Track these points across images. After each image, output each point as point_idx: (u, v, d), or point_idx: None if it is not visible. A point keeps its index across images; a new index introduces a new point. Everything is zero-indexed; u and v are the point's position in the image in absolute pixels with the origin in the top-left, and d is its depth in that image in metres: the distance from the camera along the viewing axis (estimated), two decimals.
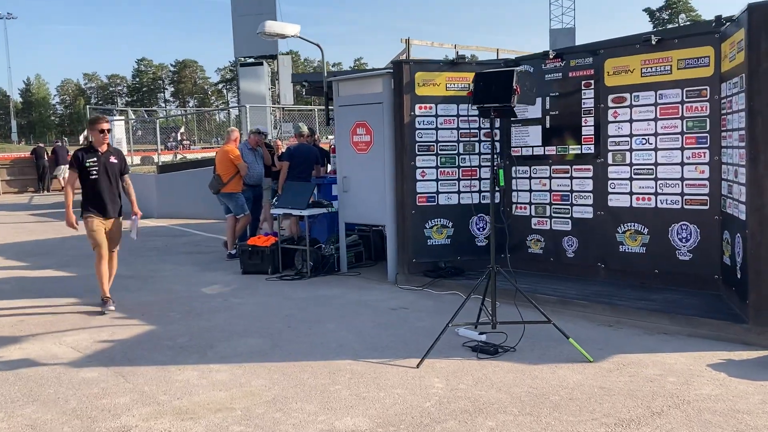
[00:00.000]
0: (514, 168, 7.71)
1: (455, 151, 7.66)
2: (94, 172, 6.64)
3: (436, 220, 7.66)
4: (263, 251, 8.48)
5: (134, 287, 7.94)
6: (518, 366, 4.85)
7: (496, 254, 7.95)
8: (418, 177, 7.57)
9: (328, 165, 10.79)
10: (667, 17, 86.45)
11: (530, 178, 7.57)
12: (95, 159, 6.66)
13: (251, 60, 20.44)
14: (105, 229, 6.73)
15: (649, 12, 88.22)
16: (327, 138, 15.91)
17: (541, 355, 5.09)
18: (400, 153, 7.57)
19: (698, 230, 6.37)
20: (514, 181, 7.72)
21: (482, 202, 7.76)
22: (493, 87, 5.01)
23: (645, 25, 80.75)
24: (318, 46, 11.10)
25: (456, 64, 7.59)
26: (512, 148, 7.71)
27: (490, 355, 5.10)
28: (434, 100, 7.55)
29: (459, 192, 7.70)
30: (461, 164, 7.68)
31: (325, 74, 10.92)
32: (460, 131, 7.65)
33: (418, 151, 7.56)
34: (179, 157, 23.09)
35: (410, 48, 18.13)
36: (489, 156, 7.69)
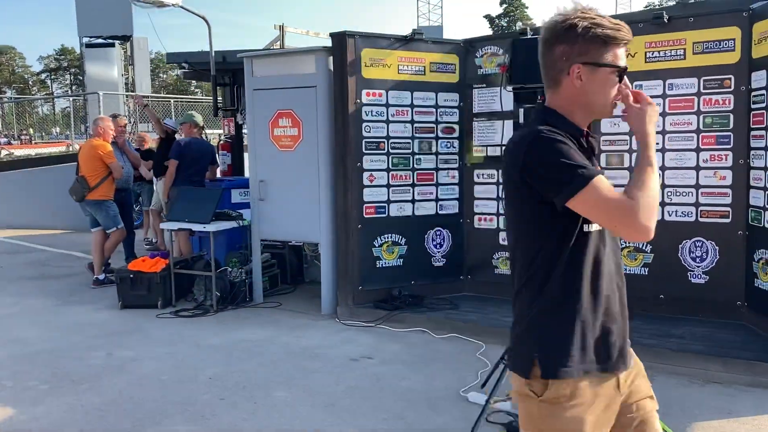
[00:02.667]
0: (476, 172, 6.34)
1: (409, 150, 6.14)
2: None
3: (386, 236, 6.09)
4: (151, 278, 6.44)
5: None
6: None
7: (456, 276, 6.58)
8: (366, 182, 5.96)
9: None
10: (505, 24, 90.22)
11: (498, 183, 6.22)
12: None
13: (100, 41, 17.53)
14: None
15: (489, 18, 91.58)
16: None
17: None
18: (342, 151, 5.92)
19: (716, 248, 5.33)
20: (476, 187, 6.34)
21: (440, 212, 6.30)
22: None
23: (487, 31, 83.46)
24: (204, 19, 9.10)
25: (410, 41, 6.06)
26: (475, 147, 6.32)
27: None
28: (384, 85, 5.98)
29: (414, 201, 6.18)
30: (416, 166, 6.17)
31: (213, 54, 8.94)
32: (415, 125, 6.14)
33: (366, 149, 5.95)
34: (3, 153, 19.56)
35: (284, 36, 16.34)
36: (448, 156, 6.27)
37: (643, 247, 5.60)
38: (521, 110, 6.00)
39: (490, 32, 78.36)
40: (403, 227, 6.14)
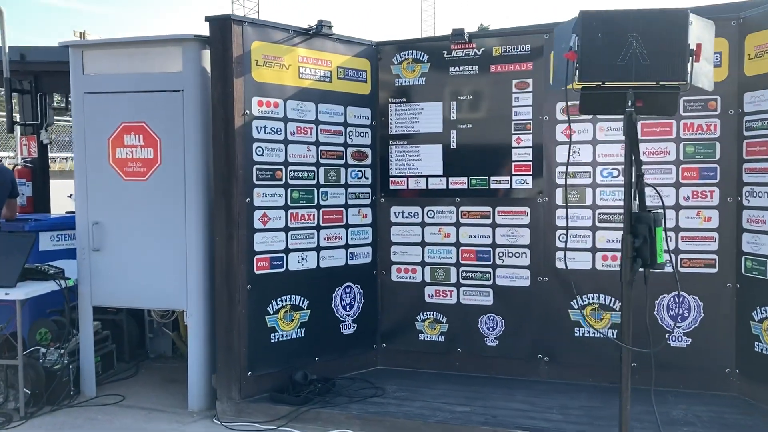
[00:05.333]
0: (393, 209, 4.94)
1: (314, 181, 4.58)
2: None
3: (284, 298, 4.45)
4: None
5: None
6: None
7: (368, 345, 5.07)
8: (258, 224, 4.30)
9: None
10: None
11: (423, 224, 4.88)
12: None
13: None
14: None
15: None
16: None
17: None
18: (224, 182, 4.21)
19: (701, 304, 4.40)
20: (394, 229, 4.94)
21: (350, 263, 4.80)
22: (635, 44, 2.24)
23: None
24: None
25: (315, 35, 4.54)
26: (391, 178, 4.93)
27: None
28: (282, 92, 4.40)
29: (318, 248, 4.61)
30: (322, 202, 4.62)
31: (7, 49, 6.68)
32: (321, 148, 4.61)
33: (258, 179, 4.29)
34: None
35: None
36: (358, 189, 4.81)
37: (611, 305, 4.53)
38: (454, 132, 4.78)
39: None
40: (307, 285, 4.54)
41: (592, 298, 4.58)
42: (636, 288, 4.46)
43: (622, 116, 2.33)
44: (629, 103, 2.30)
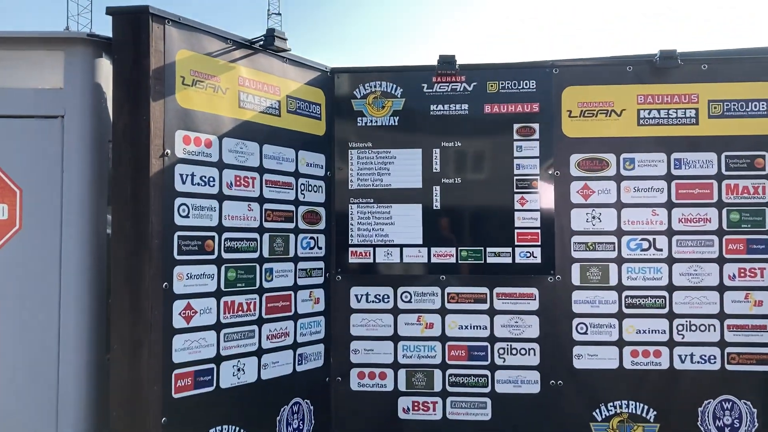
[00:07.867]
0: (354, 290, 3.65)
1: (256, 254, 3.19)
2: None
3: (214, 431, 2.98)
4: None
5: None
6: None
7: None
8: (179, 322, 2.84)
9: None
10: None
11: (396, 311, 3.63)
12: None
13: None
14: None
15: None
16: None
17: None
18: (131, 257, 2.74)
19: (753, 411, 3.51)
20: (354, 317, 3.64)
21: (299, 368, 3.41)
22: None
23: None
24: None
25: (264, 50, 3.25)
26: (352, 248, 3.66)
27: None
28: (216, 125, 3.03)
29: (260, 351, 3.20)
30: (266, 284, 3.24)
31: None
32: (266, 206, 3.26)
33: (180, 252, 2.85)
34: None
35: None
36: (309, 263, 3.51)
37: (644, 414, 3.52)
38: (437, 189, 3.64)
39: None
40: (244, 408, 3.11)
41: (620, 407, 3.54)
42: (668, 389, 3.54)
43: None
44: None
